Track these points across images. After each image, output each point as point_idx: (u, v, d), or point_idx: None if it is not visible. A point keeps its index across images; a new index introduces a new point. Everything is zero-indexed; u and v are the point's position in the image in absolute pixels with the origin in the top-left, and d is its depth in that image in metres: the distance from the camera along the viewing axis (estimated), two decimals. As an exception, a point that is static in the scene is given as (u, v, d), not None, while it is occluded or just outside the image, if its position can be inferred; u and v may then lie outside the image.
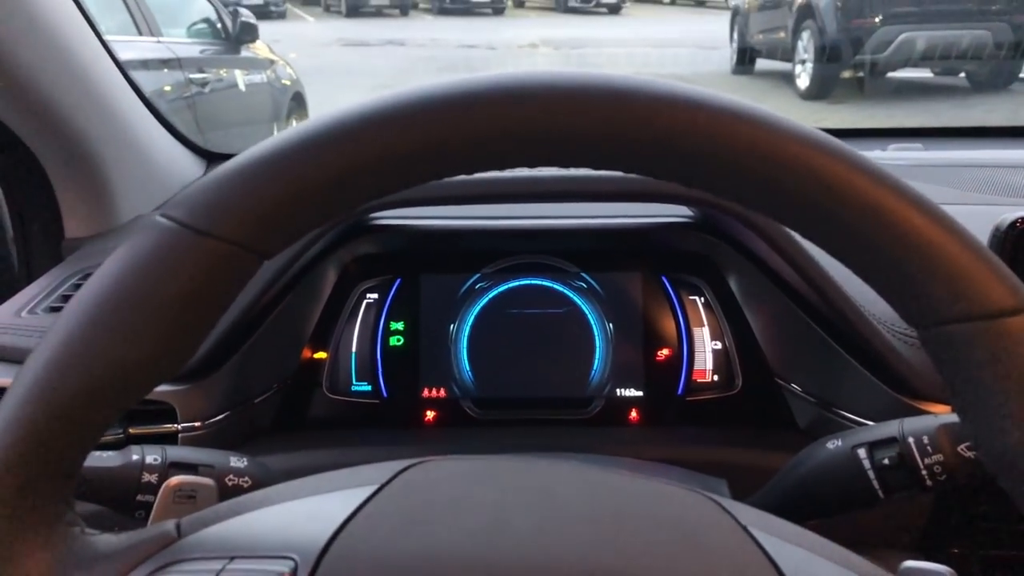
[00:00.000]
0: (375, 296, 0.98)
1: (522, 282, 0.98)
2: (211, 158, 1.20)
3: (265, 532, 0.34)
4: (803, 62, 6.39)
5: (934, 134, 1.40)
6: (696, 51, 10.06)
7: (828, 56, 6.02)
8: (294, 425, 0.94)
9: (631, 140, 0.31)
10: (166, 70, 2.92)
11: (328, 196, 0.32)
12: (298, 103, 4.03)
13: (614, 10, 16.58)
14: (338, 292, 0.97)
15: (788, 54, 6.63)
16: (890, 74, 6.28)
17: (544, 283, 0.98)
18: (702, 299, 0.98)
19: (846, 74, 6.42)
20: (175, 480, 0.52)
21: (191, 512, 0.35)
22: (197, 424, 0.79)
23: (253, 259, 0.33)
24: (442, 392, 0.97)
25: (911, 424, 0.55)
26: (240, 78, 3.55)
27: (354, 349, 0.97)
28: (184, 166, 1.14)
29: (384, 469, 0.37)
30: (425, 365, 0.97)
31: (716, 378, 0.97)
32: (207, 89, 3.16)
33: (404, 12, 15.96)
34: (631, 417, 0.96)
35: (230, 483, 0.56)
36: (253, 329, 0.85)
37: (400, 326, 0.97)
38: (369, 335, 0.97)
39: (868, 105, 6.29)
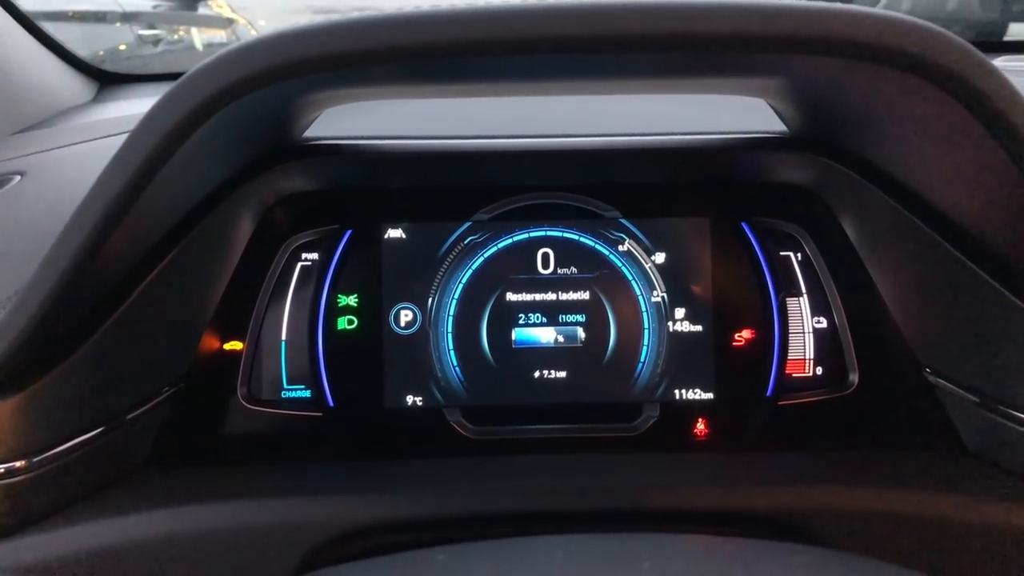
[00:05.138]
0: (313, 256, 0.69)
1: (532, 234, 0.70)
2: (106, 79, 1.10)
3: None
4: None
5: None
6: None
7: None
8: (189, 455, 0.64)
9: None
10: (116, 24, 2.71)
11: None
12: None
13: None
14: (257, 250, 0.67)
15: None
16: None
17: (566, 235, 0.70)
18: (799, 255, 0.71)
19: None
20: None
21: None
22: (18, 464, 0.49)
23: None
24: (418, 400, 0.70)
25: None
26: (197, 36, 3.34)
27: (284, 336, 0.69)
28: (66, 88, 1.04)
29: None
30: (391, 359, 0.70)
31: (820, 371, 0.71)
32: (159, 48, 2.95)
33: (376, -22, 15.69)
34: (696, 431, 0.71)
35: None
36: (118, 300, 0.53)
37: (352, 302, 0.69)
38: (307, 315, 0.69)
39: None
